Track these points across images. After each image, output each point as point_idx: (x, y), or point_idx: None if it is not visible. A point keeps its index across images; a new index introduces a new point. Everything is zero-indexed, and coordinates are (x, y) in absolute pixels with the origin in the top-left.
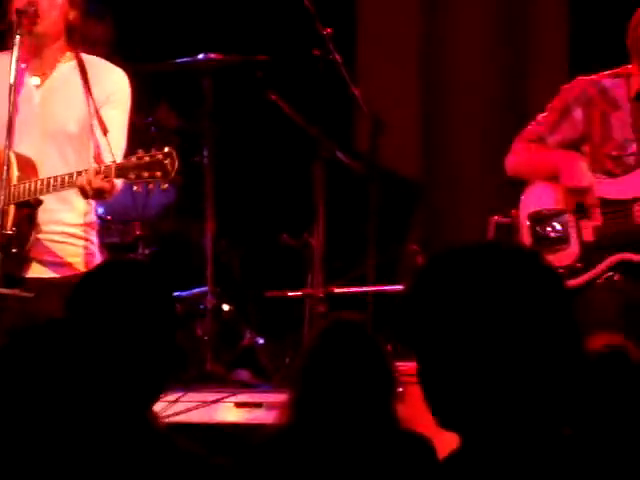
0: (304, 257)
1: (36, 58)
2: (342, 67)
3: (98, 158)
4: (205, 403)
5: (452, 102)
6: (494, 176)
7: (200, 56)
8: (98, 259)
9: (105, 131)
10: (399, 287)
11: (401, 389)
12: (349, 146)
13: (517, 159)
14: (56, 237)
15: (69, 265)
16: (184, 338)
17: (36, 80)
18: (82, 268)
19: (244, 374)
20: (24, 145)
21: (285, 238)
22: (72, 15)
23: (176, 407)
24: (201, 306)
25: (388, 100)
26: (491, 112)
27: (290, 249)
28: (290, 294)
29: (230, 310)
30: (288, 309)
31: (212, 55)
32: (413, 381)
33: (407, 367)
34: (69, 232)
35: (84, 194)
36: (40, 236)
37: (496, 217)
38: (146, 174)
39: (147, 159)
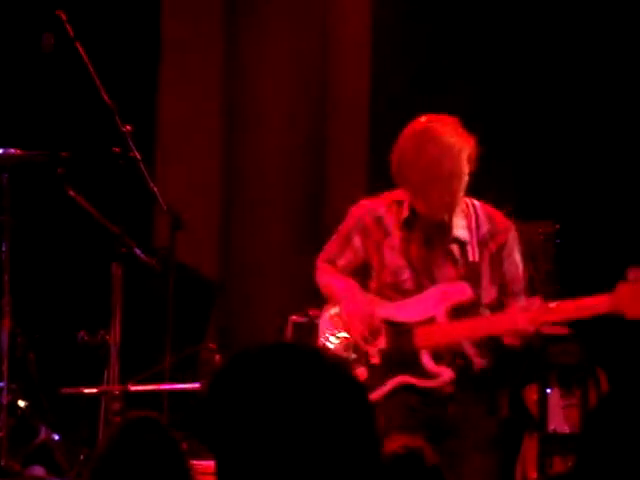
0: (101, 354)
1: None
2: (141, 164)
3: None
4: None
5: (253, 199)
6: (294, 274)
7: None
8: None
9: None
10: (195, 385)
11: None
12: (148, 242)
13: (320, 280)
14: None
15: None
16: None
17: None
18: None
19: (39, 470)
20: None
21: (82, 335)
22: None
23: None
24: None
25: (188, 196)
26: (293, 208)
27: (87, 346)
28: (86, 391)
29: (26, 406)
30: (84, 406)
31: (12, 150)
32: None
33: (203, 466)
34: None
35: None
36: None
37: (294, 316)
38: None
39: None
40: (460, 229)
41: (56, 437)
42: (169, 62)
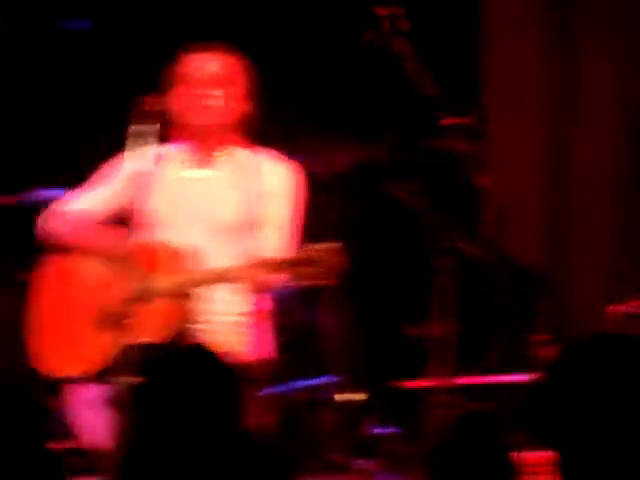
0: (427, 347)
1: (203, 149)
2: (469, 157)
3: (260, 252)
4: None
5: (578, 190)
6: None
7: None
8: (270, 348)
9: (265, 223)
10: (524, 377)
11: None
12: (474, 235)
13: None
14: (222, 327)
15: (235, 354)
16: (307, 427)
17: (198, 173)
18: (249, 357)
19: (368, 464)
20: (186, 238)
21: (409, 328)
22: (243, 106)
23: None
24: (324, 395)
25: (513, 189)
26: (618, 193)
27: (414, 339)
28: (413, 384)
29: (353, 399)
30: (411, 399)
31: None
32: (541, 471)
33: (536, 457)
34: (236, 321)
35: (247, 289)
36: (206, 326)
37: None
38: (308, 270)
39: (305, 255)
40: None
41: (384, 430)
42: (491, 54)
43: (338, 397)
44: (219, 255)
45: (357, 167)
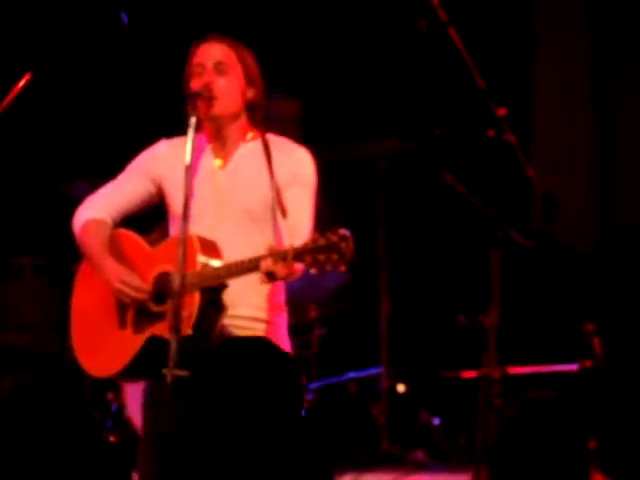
0: (480, 337)
1: (217, 140)
2: (517, 148)
3: (280, 241)
4: None
5: (625, 175)
6: None
7: (374, 138)
8: (286, 343)
9: (284, 213)
10: (574, 366)
11: None
12: (525, 225)
13: None
14: (242, 322)
15: None
16: (359, 419)
17: (218, 162)
18: None
19: (419, 455)
20: (208, 228)
21: (461, 319)
22: (251, 93)
23: None
24: (376, 387)
25: (562, 178)
26: None
27: (465, 329)
28: (465, 374)
29: (405, 390)
30: (463, 389)
31: (387, 137)
32: None
33: None
34: (256, 316)
35: (264, 279)
36: (227, 320)
37: None
38: (322, 257)
39: (322, 242)
40: None
41: (436, 421)
42: (543, 45)
43: (387, 388)
44: (242, 245)
45: (412, 157)
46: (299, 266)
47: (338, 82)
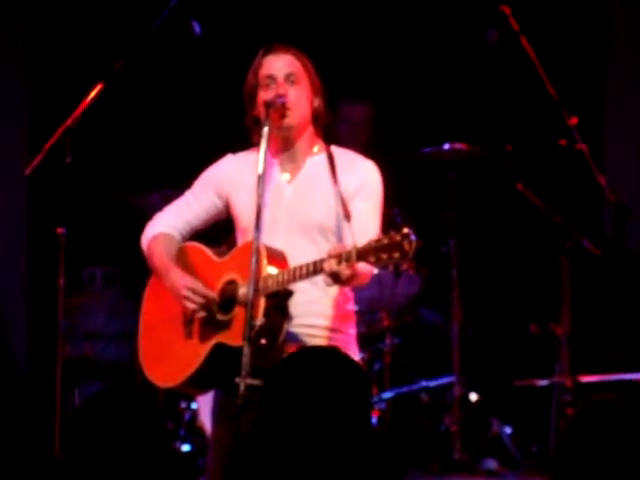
0: (552, 346)
1: (286, 152)
2: (588, 156)
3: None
4: None
5: None
6: None
7: (445, 146)
8: (355, 352)
9: (348, 217)
10: None
11: None
12: (596, 234)
13: None
14: (311, 330)
15: None
16: (431, 427)
17: (287, 176)
18: None
19: (492, 463)
20: (277, 240)
21: (532, 327)
22: (317, 102)
23: None
24: (448, 396)
25: (634, 187)
26: None
27: (537, 338)
28: (538, 383)
29: (477, 399)
30: (535, 398)
31: (457, 145)
32: None
33: None
34: (324, 325)
35: (328, 281)
36: (295, 329)
37: None
38: (385, 256)
39: (385, 241)
40: None
41: (508, 430)
42: (614, 53)
43: (460, 397)
44: (311, 257)
45: (483, 165)
46: (366, 269)
47: (411, 88)
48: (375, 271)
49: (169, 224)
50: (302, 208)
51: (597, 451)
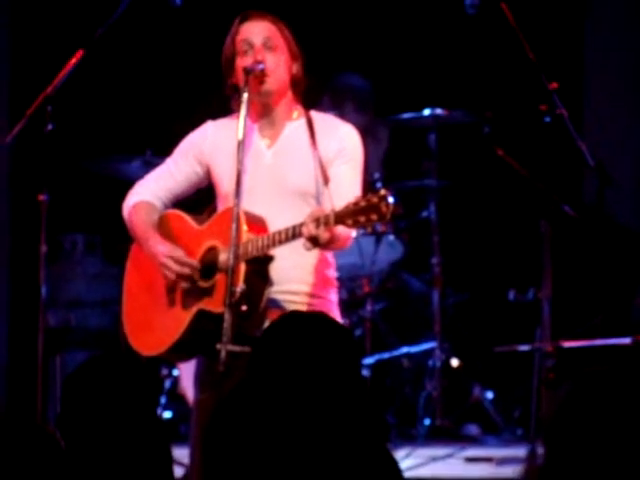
0: (532, 312)
1: (265, 117)
2: (568, 122)
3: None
4: (435, 458)
5: None
6: None
7: (426, 112)
8: (336, 318)
9: (327, 181)
10: (627, 340)
11: None
12: (576, 200)
13: None
14: (291, 297)
15: None
16: (413, 393)
17: (266, 141)
18: None
19: (473, 429)
20: (257, 206)
21: (513, 293)
22: (295, 68)
23: (407, 462)
24: (430, 361)
25: (615, 152)
26: None
27: (518, 304)
28: (519, 348)
29: (459, 365)
30: (517, 363)
31: (438, 111)
32: None
33: None
34: (304, 290)
35: (308, 245)
36: (276, 295)
37: None
38: (362, 218)
39: (363, 204)
40: None
41: (489, 395)
42: (594, 18)
43: (442, 363)
44: (291, 222)
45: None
46: (345, 232)
47: (391, 54)
48: (354, 234)
49: (150, 192)
50: (282, 173)
51: (593, 423)
